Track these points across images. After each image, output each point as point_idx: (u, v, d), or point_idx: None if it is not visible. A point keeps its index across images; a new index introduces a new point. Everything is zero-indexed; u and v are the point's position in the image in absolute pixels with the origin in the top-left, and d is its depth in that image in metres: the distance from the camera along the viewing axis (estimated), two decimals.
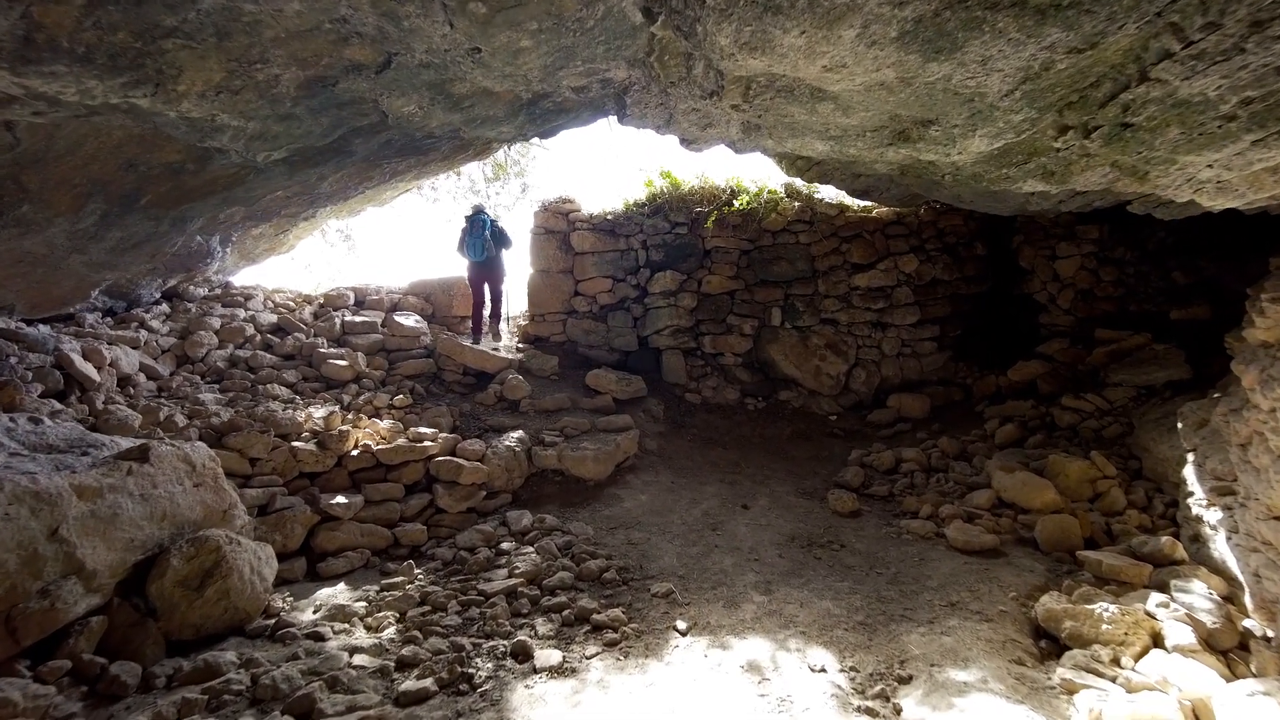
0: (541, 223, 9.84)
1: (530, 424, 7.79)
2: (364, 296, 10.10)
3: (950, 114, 3.77)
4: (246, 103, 3.93)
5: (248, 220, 8.43)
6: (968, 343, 10.17)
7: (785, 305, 9.79)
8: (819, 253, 9.79)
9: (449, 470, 6.58)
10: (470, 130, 5.34)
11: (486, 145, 8.93)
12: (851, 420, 9.21)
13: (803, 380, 9.62)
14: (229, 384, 7.88)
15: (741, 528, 6.13)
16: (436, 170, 9.50)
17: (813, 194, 10.05)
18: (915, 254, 9.84)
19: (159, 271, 8.70)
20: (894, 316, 9.70)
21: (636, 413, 8.44)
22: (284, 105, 4.13)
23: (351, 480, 6.54)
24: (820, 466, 7.84)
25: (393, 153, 7.25)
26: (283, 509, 5.86)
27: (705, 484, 7.18)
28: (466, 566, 5.57)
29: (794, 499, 6.87)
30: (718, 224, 9.61)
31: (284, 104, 4.11)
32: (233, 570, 4.46)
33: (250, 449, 6.14)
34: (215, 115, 3.97)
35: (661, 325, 9.56)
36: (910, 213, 10.07)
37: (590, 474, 7.06)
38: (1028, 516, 6.02)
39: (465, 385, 8.63)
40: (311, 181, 6.87)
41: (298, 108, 4.24)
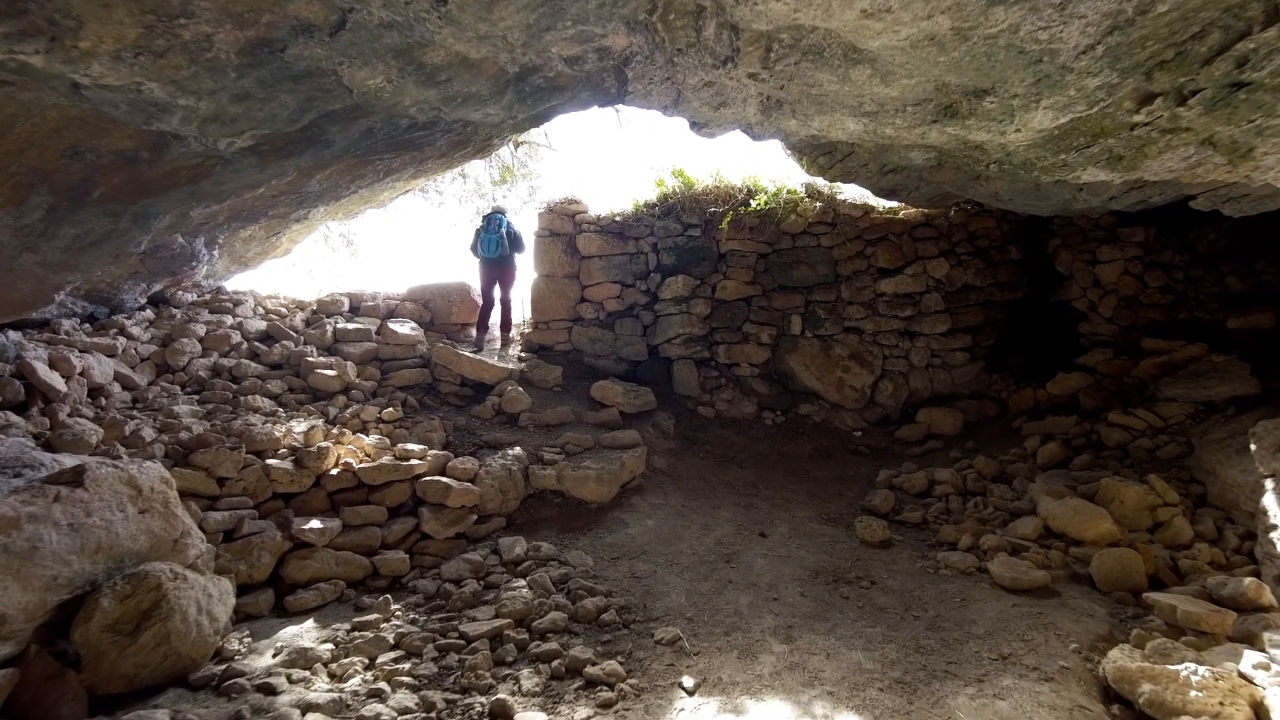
0: (546, 225, 9.28)
1: (529, 440, 7.20)
2: (359, 303, 9.58)
3: (1010, 80, 3.15)
4: (178, 70, 3.39)
5: (234, 221, 7.95)
6: (1002, 353, 9.49)
7: (806, 312, 9.16)
8: (842, 256, 9.16)
9: (436, 491, 6.00)
10: (451, 111, 4.77)
11: (487, 142, 8.41)
12: (878, 436, 8.55)
13: (825, 393, 8.97)
14: (209, 395, 7.37)
15: (759, 559, 5.49)
16: (436, 170, 8.98)
17: (835, 194, 9.42)
18: (945, 258, 9.19)
19: (141, 275, 8.23)
20: (923, 325, 9.04)
21: (645, 428, 7.83)
22: (228, 76, 3.59)
23: (330, 501, 5.98)
24: (845, 488, 7.18)
25: (381, 146, 6.72)
26: (250, 534, 5.31)
27: (719, 507, 6.55)
28: (450, 602, 4.98)
29: (817, 525, 6.22)
30: (733, 225, 9.00)
31: (227, 74, 3.57)
32: (174, 611, 3.89)
33: (218, 467, 5.59)
34: (142, 84, 3.43)
35: (673, 334, 8.95)
36: (940, 214, 9.43)
37: (592, 496, 6.45)
38: (1081, 549, 5.34)
39: (462, 397, 8.06)
40: (291, 176, 6.34)
41: (245, 80, 3.70)
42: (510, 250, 9.37)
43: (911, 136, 4.10)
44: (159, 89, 3.47)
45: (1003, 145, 4.07)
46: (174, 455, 5.75)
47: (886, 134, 4.13)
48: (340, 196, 8.36)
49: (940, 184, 7.86)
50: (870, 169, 8.17)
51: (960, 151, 4.74)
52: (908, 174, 7.96)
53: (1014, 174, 5.01)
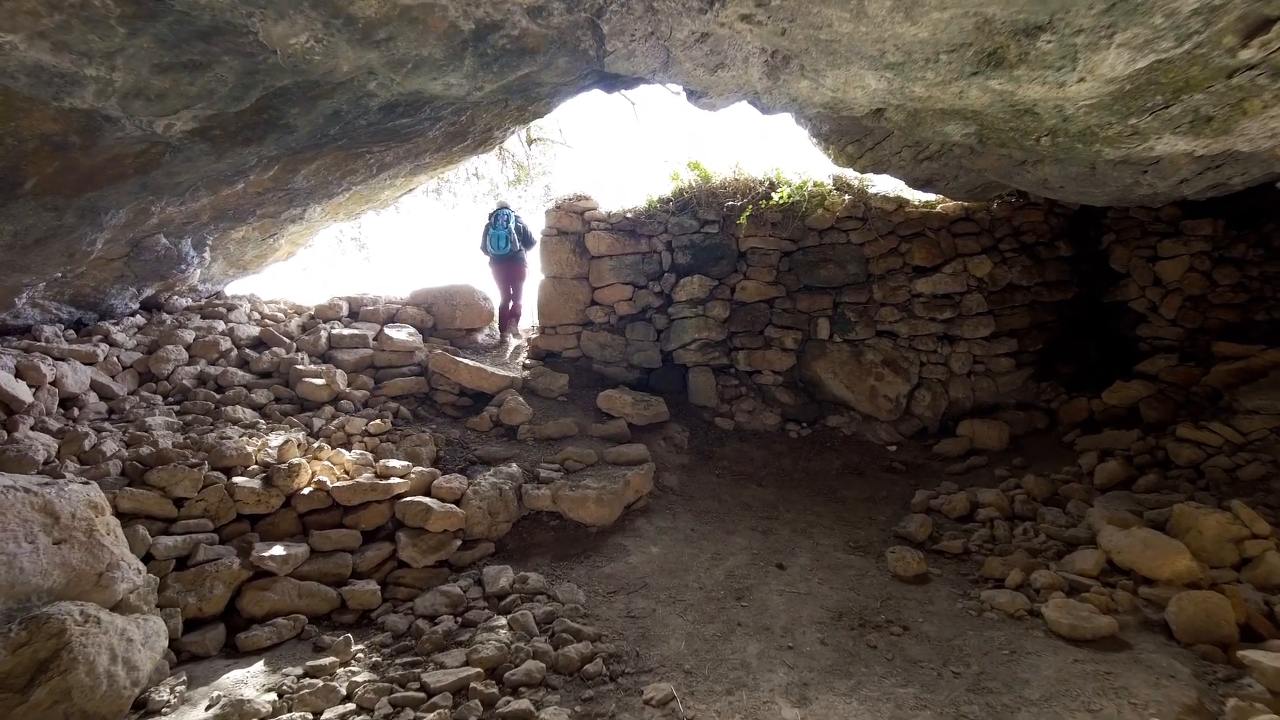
0: (554, 223, 8.69)
1: (527, 454, 6.59)
2: (359, 307, 9.09)
3: (1074, 7, 2.45)
4: (38, 18, 2.85)
5: (220, 221, 7.53)
6: (1051, 359, 8.66)
7: (834, 315, 8.42)
8: (874, 254, 8.41)
9: (416, 514, 5.42)
10: (404, 80, 4.18)
11: (486, 135, 7.87)
12: (913, 451, 7.77)
13: (855, 403, 8.22)
14: (190, 405, 6.91)
15: (774, 597, 4.79)
16: (437, 165, 8.47)
17: (865, 186, 8.69)
18: (988, 255, 8.40)
19: (128, 279, 7.86)
20: (963, 328, 8.25)
21: (656, 441, 7.17)
22: (116, 33, 3.05)
23: (301, 524, 5.43)
24: (876, 510, 6.43)
25: (363, 136, 6.20)
26: (205, 562, 4.78)
27: (733, 533, 5.86)
28: (420, 643, 4.38)
29: (843, 555, 5.49)
30: (754, 221, 8.31)
31: (114, 30, 3.03)
32: (79, 662, 3.34)
33: (175, 486, 5.07)
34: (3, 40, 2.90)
35: (688, 339, 8.28)
36: (981, 208, 8.64)
37: (592, 518, 5.81)
38: (1153, 590, 4.54)
39: (459, 408, 7.50)
40: (267, 169, 5.86)
41: (142, 38, 3.15)
42: (521, 246, 9.27)
43: (946, 97, 3.40)
44: (29, 47, 2.93)
45: (1059, 107, 3.35)
46: (131, 473, 5.26)
47: (915, 93, 3.43)
48: (333, 194, 7.89)
49: (982, 172, 7.12)
50: (903, 157, 7.46)
51: (1006, 121, 4.01)
52: (945, 161, 7.23)
53: (1070, 150, 4.27)
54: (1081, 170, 6.09)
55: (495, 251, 9.24)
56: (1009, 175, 6.87)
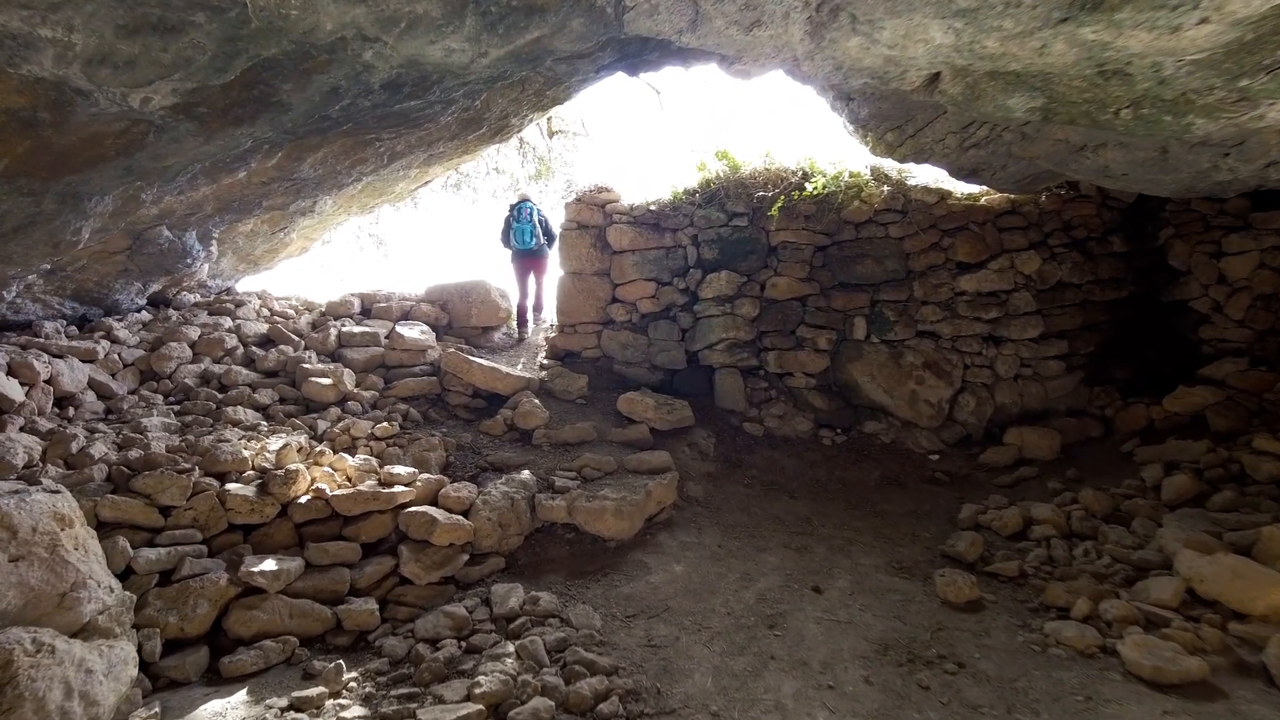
0: (573, 216, 8.25)
1: (543, 461, 6.17)
2: (371, 304, 8.74)
3: None
4: None
5: (225, 213, 7.22)
6: (1104, 362, 8.04)
7: (871, 314, 7.89)
8: (914, 249, 7.87)
9: (420, 526, 5.01)
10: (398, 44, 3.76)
11: (502, 122, 7.46)
12: (957, 460, 7.22)
13: (894, 408, 7.68)
14: (189, 405, 6.58)
15: (811, 625, 4.30)
16: (452, 155, 8.08)
17: (904, 178, 8.15)
18: (1036, 251, 7.82)
19: (132, 274, 7.59)
20: (1010, 329, 7.68)
21: (680, 448, 6.71)
22: None
23: (298, 535, 5.05)
24: (920, 526, 5.91)
25: (369, 119, 5.82)
26: (190, 576, 4.40)
27: (764, 550, 5.38)
28: (419, 671, 3.96)
29: (885, 578, 4.99)
30: (785, 213, 7.80)
31: None
32: (25, 698, 2.96)
33: (161, 494, 4.71)
34: None
35: (715, 338, 7.80)
36: (1028, 200, 8.06)
37: (610, 531, 5.37)
38: (1246, 626, 4.00)
39: (472, 410, 7.09)
40: (249, 149, 5.46)
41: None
42: (544, 241, 9.12)
43: (1024, 54, 2.91)
44: None
45: (1157, 66, 2.84)
46: (117, 478, 4.91)
47: (986, 49, 2.95)
48: (343, 185, 7.54)
49: (1033, 160, 6.57)
50: (948, 145, 6.92)
51: (1083, 90, 3.50)
52: (994, 148, 6.70)
53: (1153, 124, 3.73)
54: (1150, 155, 5.53)
55: (519, 246, 9.08)
56: (1064, 163, 6.33)
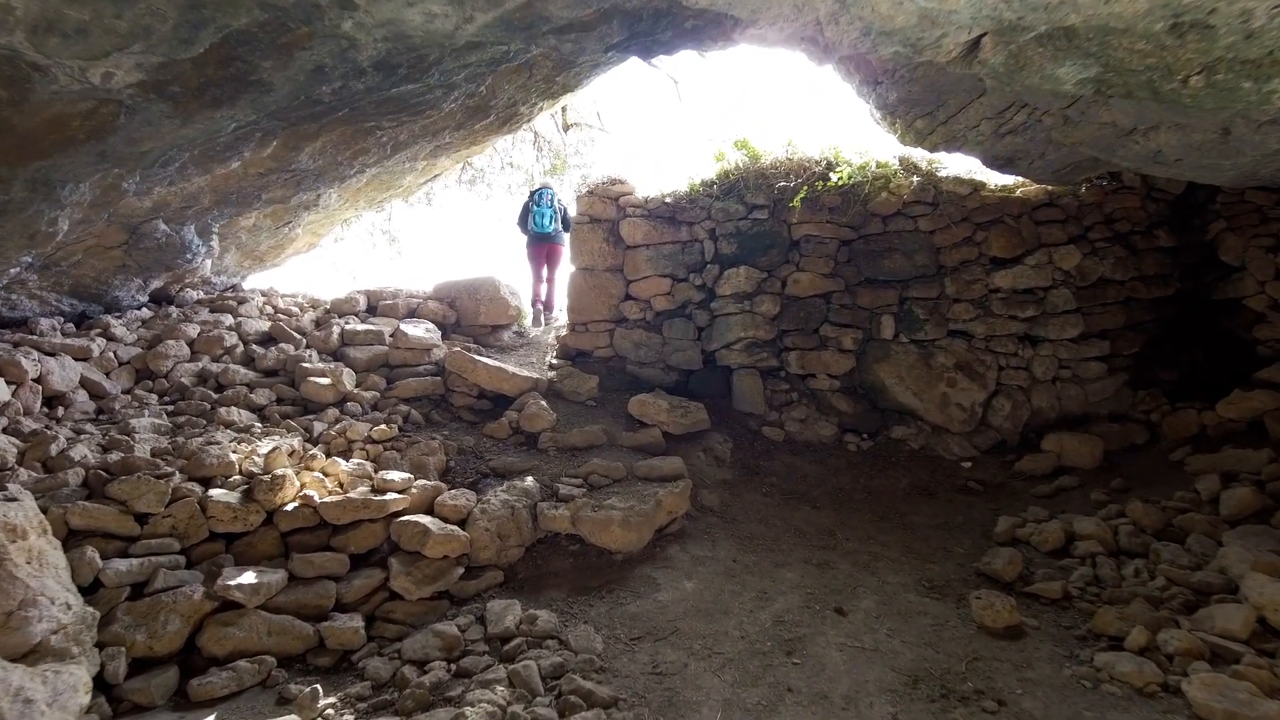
0: (585, 209, 7.89)
1: (548, 466, 5.82)
2: (377, 301, 8.46)
3: None
4: None
5: (223, 206, 6.99)
6: (1149, 364, 7.51)
7: (900, 312, 7.44)
8: (945, 243, 7.41)
9: (411, 536, 4.68)
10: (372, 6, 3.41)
11: (511, 110, 7.15)
12: (991, 468, 6.75)
13: (924, 412, 7.23)
14: (183, 405, 6.32)
15: (833, 652, 3.90)
16: (459, 146, 7.79)
17: (934, 168, 7.70)
18: (1076, 245, 7.33)
19: (131, 270, 7.39)
20: (1048, 328, 7.20)
21: (694, 453, 6.32)
22: None
23: (283, 544, 4.75)
24: (952, 540, 5.47)
25: (366, 104, 5.52)
26: (164, 590, 4.11)
27: (782, 565, 4.97)
28: (402, 697, 3.62)
29: (915, 598, 4.56)
30: (808, 205, 7.38)
31: None
32: None
33: (137, 500, 4.43)
34: None
35: (733, 337, 7.39)
36: (1067, 191, 7.57)
37: (617, 544, 4.99)
38: None
39: (477, 411, 6.76)
40: (231, 132, 5.17)
41: None
42: (561, 227, 9.17)
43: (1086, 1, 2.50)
44: None
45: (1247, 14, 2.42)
46: (94, 483, 4.64)
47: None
48: (345, 177, 7.26)
49: (1075, 147, 6.12)
50: (982, 131, 6.49)
51: (1147, 54, 3.07)
52: (1032, 134, 6.26)
53: (1227, 93, 3.29)
54: (1209, 137, 5.05)
55: (537, 228, 9.13)
56: (1110, 149, 5.86)
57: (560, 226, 9.12)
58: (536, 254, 9.29)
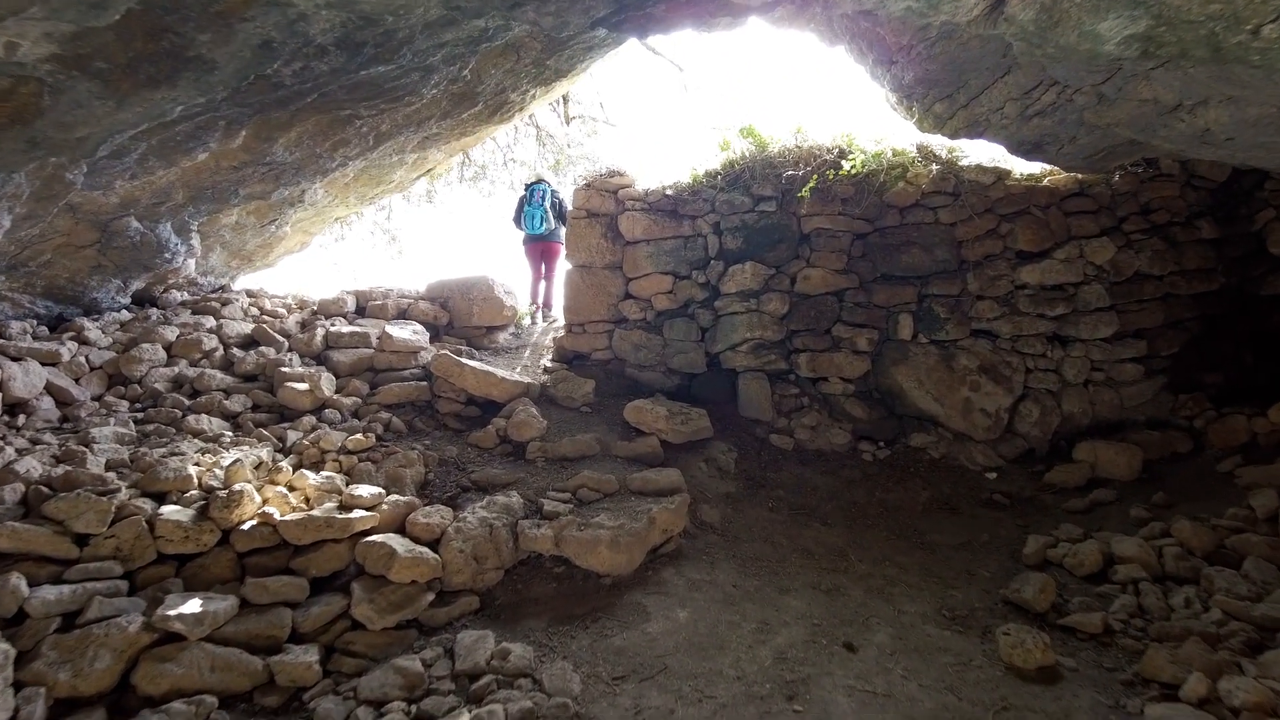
0: (582, 203, 7.44)
1: (535, 479, 5.38)
2: (366, 302, 8.08)
3: None
4: None
5: (199, 202, 6.66)
6: (1190, 365, 6.95)
7: (919, 310, 6.93)
8: (967, 236, 6.89)
9: (377, 559, 4.27)
10: None
11: (500, 99, 6.73)
12: (1019, 480, 6.23)
13: (945, 418, 6.71)
14: (153, 413, 5.96)
15: (840, 697, 3.42)
16: (448, 138, 7.39)
17: (955, 157, 7.18)
18: (1109, 238, 6.79)
19: (107, 270, 7.07)
20: (1080, 327, 6.66)
21: (695, 464, 5.86)
22: None
23: (240, 567, 4.35)
24: (976, 561, 4.96)
25: (336, 90, 5.14)
26: (98, 620, 3.71)
27: (788, 591, 4.49)
28: None
29: (934, 630, 4.07)
30: (819, 195, 6.88)
31: None
32: None
33: (75, 520, 4.05)
34: None
35: (738, 338, 6.91)
36: (1099, 180, 7.02)
37: (605, 566, 4.55)
38: None
39: (465, 419, 6.34)
40: (205, 128, 4.83)
41: None
42: (557, 224, 8.92)
43: None
44: None
45: None
46: (33, 500, 4.27)
47: None
48: (327, 170, 6.89)
49: (1110, 128, 5.62)
50: (1007, 114, 5.99)
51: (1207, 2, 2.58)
52: (1062, 116, 5.77)
53: None
54: (1269, 110, 4.51)
55: (529, 230, 8.92)
56: (1150, 129, 5.34)
57: (554, 224, 8.84)
58: (531, 252, 9.11)
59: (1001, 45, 5.23)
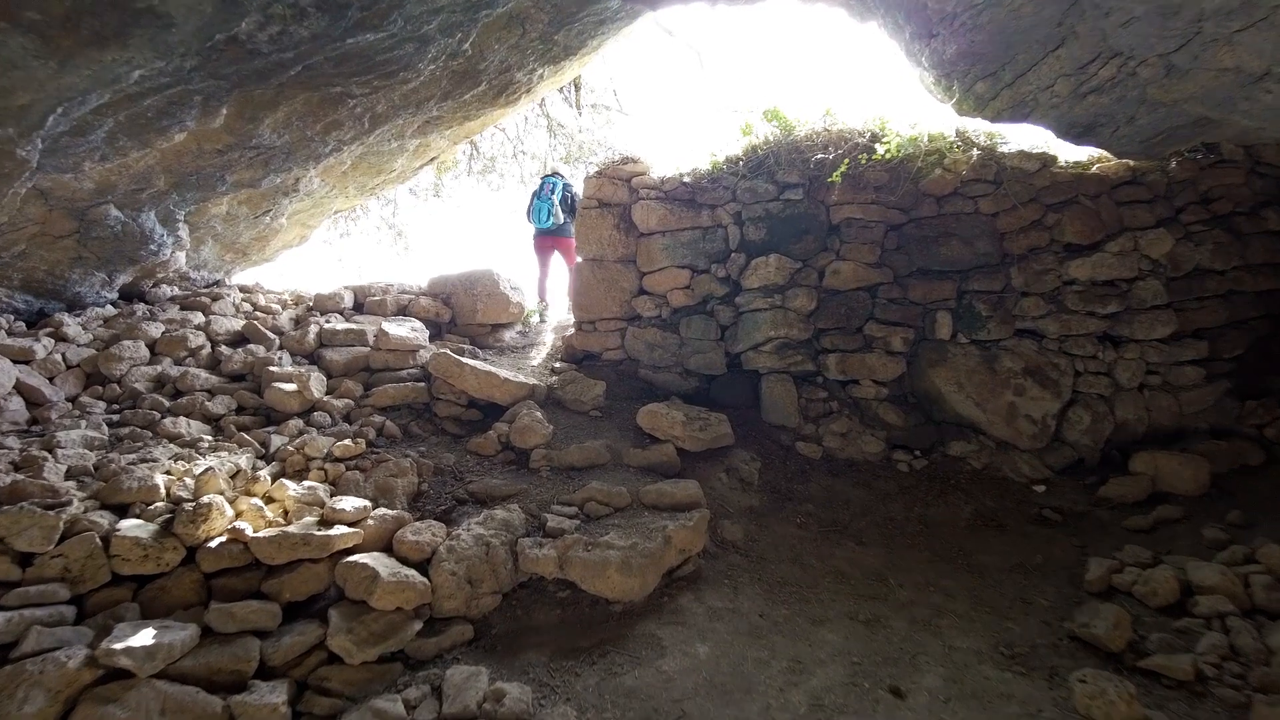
0: (593, 192, 6.93)
1: (539, 490, 4.89)
2: (365, 298, 7.62)
3: None
4: None
5: (184, 189, 6.28)
6: (1258, 368, 6.36)
7: (958, 307, 6.37)
8: (1010, 228, 6.33)
9: (358, 582, 3.79)
10: None
11: (505, 77, 6.26)
12: (1070, 493, 5.66)
13: (987, 425, 6.16)
14: (129, 415, 5.53)
15: None
16: (450, 122, 6.96)
17: (996, 143, 6.62)
18: (1167, 229, 6.22)
19: (89, 263, 6.70)
20: (1135, 326, 6.09)
21: (715, 474, 5.34)
22: None
23: (206, 588, 3.89)
24: (1031, 587, 4.41)
25: (322, 63, 4.69)
26: (33, 654, 3.25)
27: (822, 622, 3.97)
28: None
29: (992, 671, 3.53)
30: (850, 182, 6.34)
31: None
32: None
33: (16, 537, 3.60)
34: None
35: (761, 337, 6.37)
36: (1153, 167, 6.45)
37: (615, 591, 4.04)
38: None
39: (464, 423, 5.86)
40: (178, 104, 4.39)
41: None
42: (566, 219, 8.46)
43: None
44: None
45: None
46: None
47: None
48: (320, 156, 6.45)
49: (1178, 104, 5.09)
50: (1058, 92, 5.46)
51: None
52: (1121, 92, 5.24)
53: None
54: None
55: (537, 224, 8.54)
56: (1227, 103, 4.82)
57: (564, 218, 8.43)
58: (539, 247, 8.69)
59: (1057, 13, 4.71)
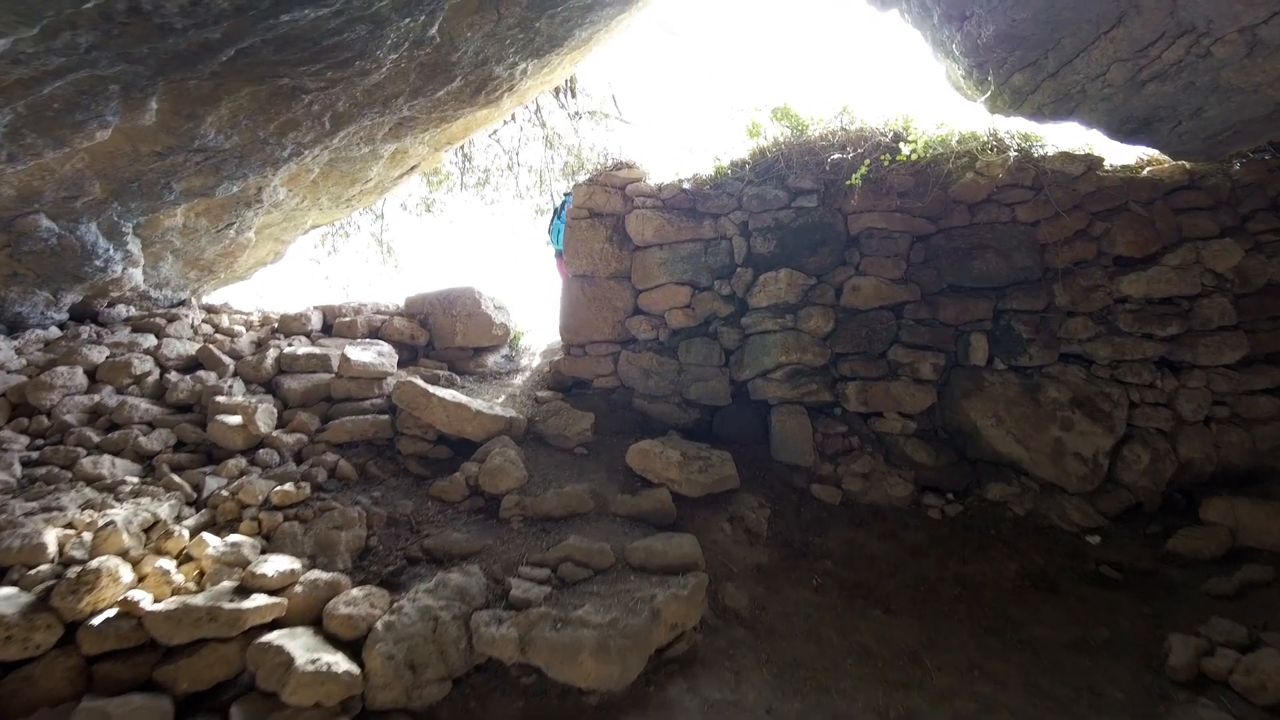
0: (584, 201, 6.24)
1: (507, 546, 4.15)
2: (334, 319, 6.95)
3: None
4: None
5: (126, 199, 5.70)
6: None
7: (995, 330, 5.62)
8: (1052, 238, 5.60)
9: (270, 669, 3.06)
10: None
11: (482, 70, 5.62)
12: (1130, 545, 4.86)
13: (1030, 464, 5.37)
14: (48, 453, 4.86)
15: None
16: (426, 123, 6.35)
17: (1031, 145, 5.91)
18: (1234, 239, 5.50)
19: (28, 280, 6.06)
20: (1198, 350, 5.35)
21: (717, 523, 4.59)
22: None
23: (86, 676, 3.17)
24: (1099, 671, 3.61)
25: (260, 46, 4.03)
26: None
27: (845, 716, 3.20)
28: None
29: None
30: (871, 187, 5.61)
31: None
32: None
33: None
34: None
35: (770, 363, 5.63)
36: (1213, 170, 5.76)
37: (590, 680, 3.28)
38: None
39: (431, 462, 5.15)
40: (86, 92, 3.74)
41: None
42: None
43: None
44: None
45: None
46: None
47: None
48: (278, 160, 5.82)
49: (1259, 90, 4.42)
50: (1110, 81, 4.82)
51: None
52: (1186, 80, 4.60)
53: None
54: None
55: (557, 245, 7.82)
56: None
57: None
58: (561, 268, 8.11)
59: None
